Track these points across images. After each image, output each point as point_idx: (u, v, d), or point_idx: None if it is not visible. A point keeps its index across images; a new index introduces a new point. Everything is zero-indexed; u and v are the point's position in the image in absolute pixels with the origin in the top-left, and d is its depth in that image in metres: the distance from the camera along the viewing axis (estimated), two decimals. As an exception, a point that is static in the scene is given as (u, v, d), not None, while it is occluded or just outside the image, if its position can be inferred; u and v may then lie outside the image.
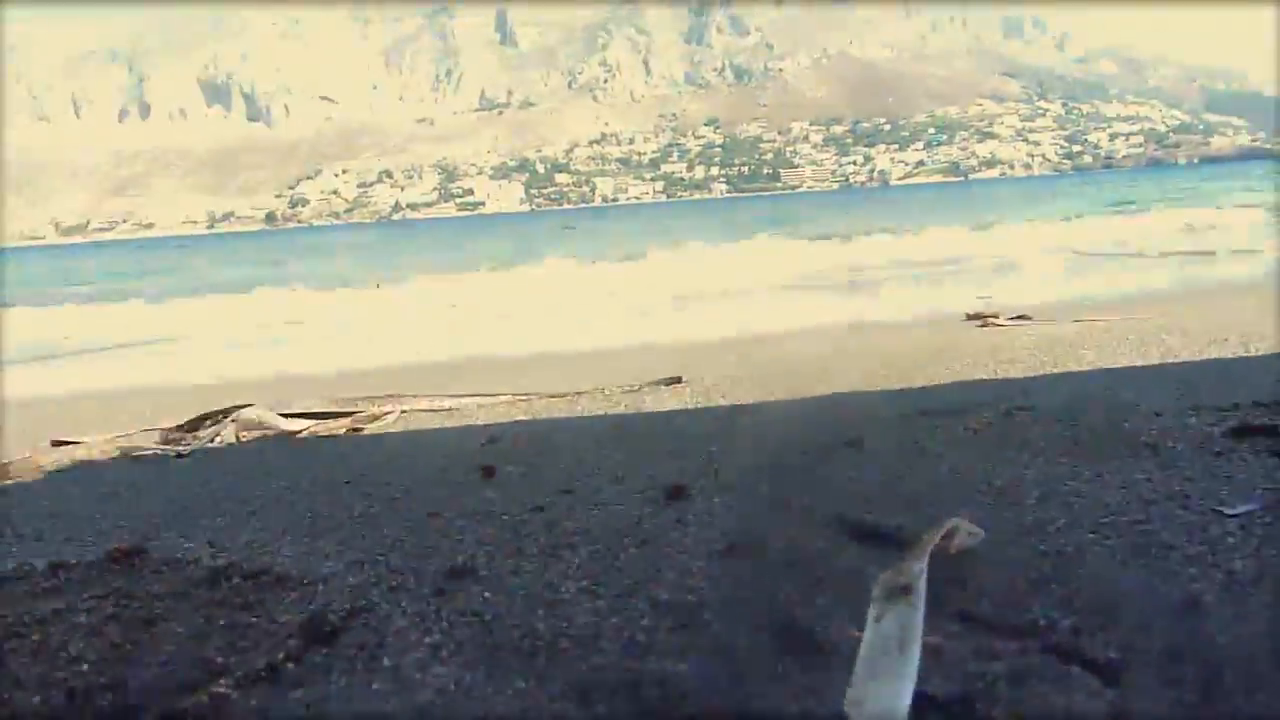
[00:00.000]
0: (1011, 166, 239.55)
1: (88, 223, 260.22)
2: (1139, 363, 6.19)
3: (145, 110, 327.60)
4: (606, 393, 6.47)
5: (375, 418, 6.06)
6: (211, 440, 5.55)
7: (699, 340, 10.23)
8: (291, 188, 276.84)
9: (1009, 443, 3.91)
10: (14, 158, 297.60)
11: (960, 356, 6.84)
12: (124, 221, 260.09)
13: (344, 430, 5.79)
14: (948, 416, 4.55)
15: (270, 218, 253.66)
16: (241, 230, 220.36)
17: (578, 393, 6.53)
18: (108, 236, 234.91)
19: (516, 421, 5.74)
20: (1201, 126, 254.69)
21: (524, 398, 6.51)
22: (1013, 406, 4.62)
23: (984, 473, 3.41)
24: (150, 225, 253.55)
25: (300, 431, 5.69)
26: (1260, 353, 6.13)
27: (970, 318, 9.53)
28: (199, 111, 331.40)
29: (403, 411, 6.30)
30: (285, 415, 5.98)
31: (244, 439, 5.58)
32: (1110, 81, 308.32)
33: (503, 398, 6.52)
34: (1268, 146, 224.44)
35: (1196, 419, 4.01)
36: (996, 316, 9.24)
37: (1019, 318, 9.16)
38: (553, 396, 6.51)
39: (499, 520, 3.18)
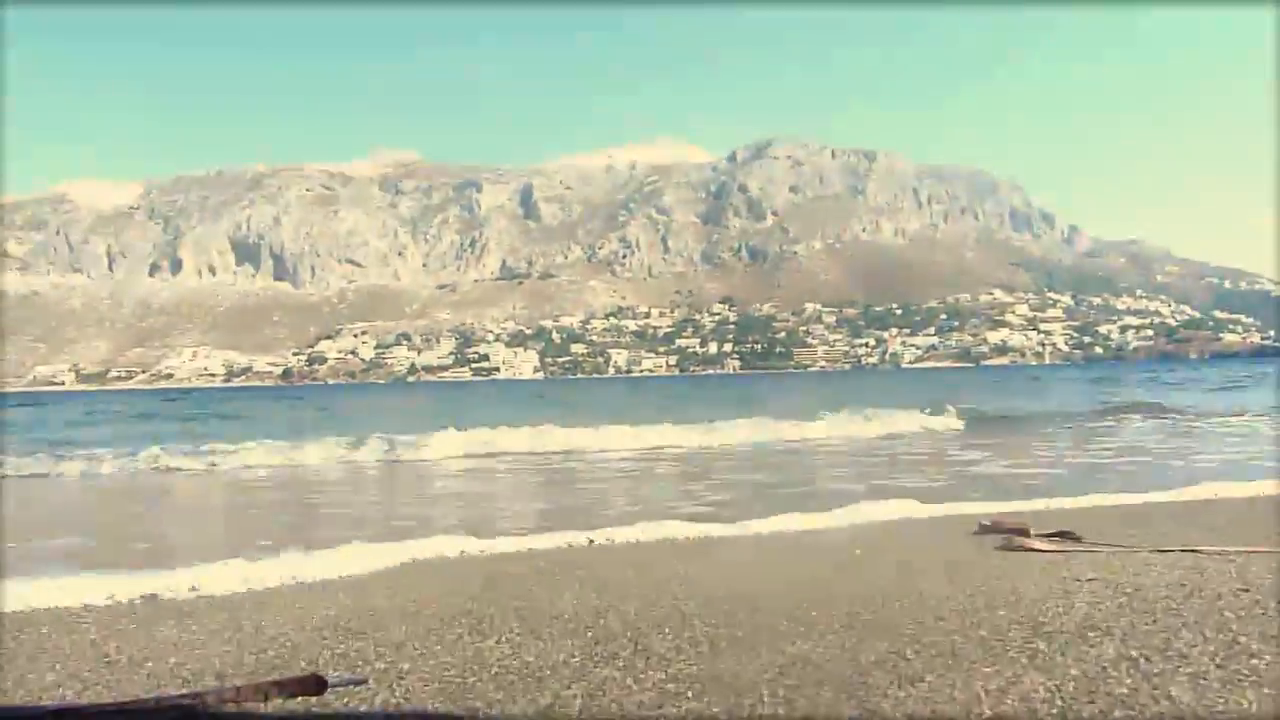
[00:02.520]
0: (1022, 354, 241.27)
1: (107, 371, 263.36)
2: None
3: (176, 265, 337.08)
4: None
5: None
6: None
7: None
8: (311, 346, 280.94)
9: None
10: (45, 306, 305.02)
11: (992, 655, 3.64)
12: (143, 372, 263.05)
13: None
14: None
15: (287, 374, 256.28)
16: (257, 384, 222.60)
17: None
18: (125, 385, 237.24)
19: None
20: (1211, 323, 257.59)
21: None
22: None
23: None
24: (169, 375, 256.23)
25: None
26: None
27: (985, 529, 7.00)
28: (228, 268, 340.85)
29: None
30: None
31: None
32: (1118, 276, 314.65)
33: None
34: (1279, 345, 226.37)
35: None
36: (1026, 532, 6.62)
37: (1060, 535, 6.51)
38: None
39: None
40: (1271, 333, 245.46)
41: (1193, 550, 5.70)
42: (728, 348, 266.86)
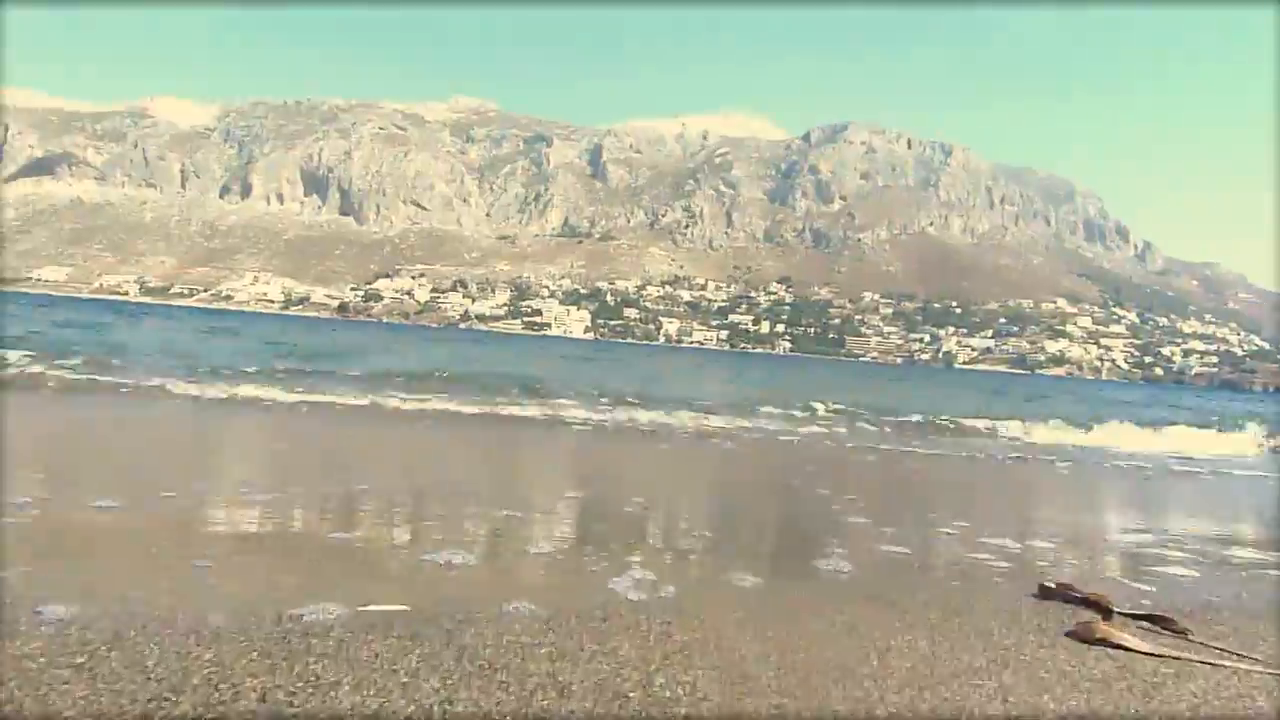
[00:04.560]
0: (1080, 367, 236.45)
1: (170, 286, 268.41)
2: None
3: (246, 190, 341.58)
4: None
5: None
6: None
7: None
8: (369, 283, 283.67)
9: None
10: (116, 217, 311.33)
11: None
12: (204, 290, 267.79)
13: None
14: None
15: (343, 308, 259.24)
16: (313, 315, 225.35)
17: None
18: (185, 302, 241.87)
19: None
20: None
21: None
22: None
23: None
24: (228, 297, 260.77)
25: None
26: None
27: (1047, 594, 5.03)
28: (296, 198, 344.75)
29: None
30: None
31: None
32: (1189, 298, 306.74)
33: None
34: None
35: None
36: (1107, 610, 4.69)
37: (1151, 619, 4.60)
38: None
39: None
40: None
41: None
42: (780, 328, 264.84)
